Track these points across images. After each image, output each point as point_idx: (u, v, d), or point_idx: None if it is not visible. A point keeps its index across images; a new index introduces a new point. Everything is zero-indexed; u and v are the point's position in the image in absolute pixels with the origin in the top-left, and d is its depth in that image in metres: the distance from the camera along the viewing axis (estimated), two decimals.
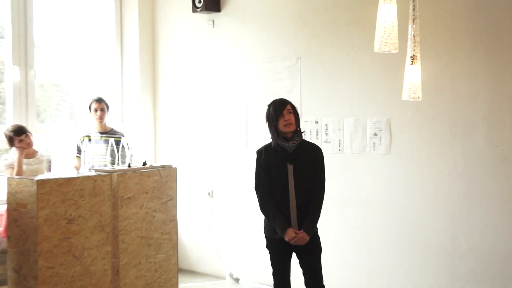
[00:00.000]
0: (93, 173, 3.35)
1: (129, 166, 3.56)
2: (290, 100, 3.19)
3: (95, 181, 3.26)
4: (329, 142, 4.42)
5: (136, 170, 3.53)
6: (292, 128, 2.97)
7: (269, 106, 3.07)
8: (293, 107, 3.05)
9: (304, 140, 3.08)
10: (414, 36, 2.94)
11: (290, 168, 2.97)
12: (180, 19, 5.20)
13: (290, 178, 2.96)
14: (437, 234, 3.79)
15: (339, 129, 4.37)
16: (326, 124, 4.43)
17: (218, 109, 5.07)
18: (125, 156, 3.63)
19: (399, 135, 4.03)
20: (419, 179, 3.93)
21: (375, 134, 4.17)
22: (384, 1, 2.53)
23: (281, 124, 2.96)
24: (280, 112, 2.96)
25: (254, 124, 4.78)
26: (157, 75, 5.50)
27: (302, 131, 3.06)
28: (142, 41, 5.25)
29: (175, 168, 3.80)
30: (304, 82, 4.56)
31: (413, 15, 2.91)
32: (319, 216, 3.02)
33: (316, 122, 4.48)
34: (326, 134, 4.42)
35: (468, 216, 3.66)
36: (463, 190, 3.69)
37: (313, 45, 4.44)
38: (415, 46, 2.99)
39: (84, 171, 3.41)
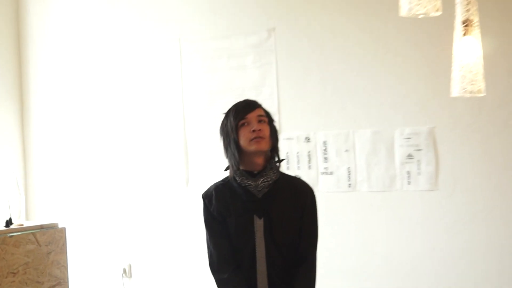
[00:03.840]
0: None
1: None
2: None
3: None
4: (331, 173, 4.30)
5: None
6: (264, 146, 2.68)
7: (227, 112, 2.83)
8: (267, 114, 2.80)
9: (284, 175, 2.85)
10: None
11: (259, 224, 2.75)
12: None
13: (258, 242, 2.76)
14: None
15: (347, 150, 4.25)
16: (325, 142, 4.32)
17: (137, 125, 5.06)
18: None
19: (451, 157, 4.00)
20: (491, 235, 3.88)
21: (410, 156, 4.07)
22: None
23: (245, 138, 2.70)
24: (243, 117, 2.72)
25: (200, 148, 4.77)
26: (26, 74, 5.50)
27: (280, 159, 2.84)
28: None
29: (64, 229, 3.89)
30: (283, 72, 4.49)
31: None
32: None
33: (307, 140, 4.38)
34: (325, 160, 4.31)
35: None
36: None
37: (295, 7, 4.43)
38: (469, 4, 2.74)
39: None
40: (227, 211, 2.83)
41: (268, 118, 2.83)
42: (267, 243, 2.80)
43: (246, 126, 2.76)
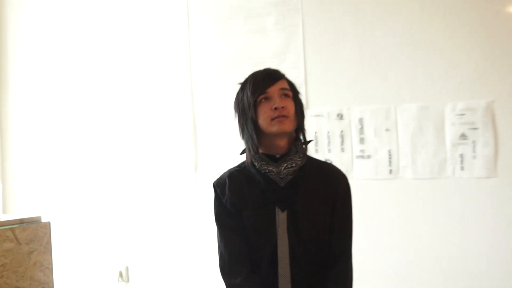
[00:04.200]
0: None
1: None
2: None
3: None
4: (368, 156, 4.28)
5: None
6: (288, 126, 2.61)
7: (243, 84, 2.73)
8: (292, 86, 2.71)
9: (312, 159, 2.80)
10: None
11: (281, 218, 2.65)
12: None
13: (281, 239, 2.65)
14: None
15: (387, 130, 4.22)
16: (361, 119, 4.29)
17: (135, 101, 5.02)
18: None
19: None
20: None
21: (464, 136, 4.07)
22: None
23: (265, 117, 2.60)
24: (263, 91, 2.61)
25: (210, 127, 4.76)
26: (3, 57, 5.49)
27: (307, 140, 2.76)
28: None
29: (48, 224, 3.82)
30: (310, 36, 4.44)
31: None
32: None
33: (339, 117, 4.34)
34: (361, 141, 4.29)
35: None
36: None
37: None
38: None
39: None
40: (243, 203, 2.74)
41: (292, 92, 2.71)
42: (291, 241, 2.71)
43: (267, 102, 2.65)
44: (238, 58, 4.65)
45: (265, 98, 2.64)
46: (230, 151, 4.40)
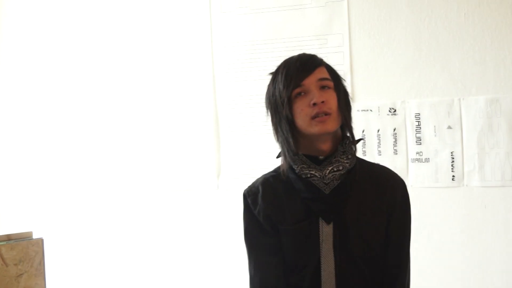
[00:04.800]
0: None
1: None
2: (325, 58, 2.67)
3: None
4: (426, 160, 4.12)
5: None
6: (331, 125, 2.49)
7: (274, 74, 2.61)
8: (333, 73, 2.58)
9: (362, 162, 2.69)
10: None
11: (326, 231, 2.54)
12: None
13: (325, 257, 2.54)
14: None
15: (450, 127, 4.05)
16: (417, 115, 4.13)
17: (146, 93, 4.81)
18: None
19: None
20: None
21: None
22: None
23: (302, 115, 2.49)
24: (298, 84, 2.50)
25: (236, 126, 4.58)
26: None
27: (357, 138, 2.62)
28: None
29: (41, 242, 3.58)
30: (357, 14, 4.24)
31: None
32: None
33: (392, 112, 4.20)
34: (419, 141, 4.14)
35: None
36: None
37: None
38: None
39: None
40: (279, 215, 2.58)
41: (334, 81, 2.55)
42: (338, 259, 2.55)
43: (303, 96, 2.50)
44: (270, 40, 4.46)
45: (301, 92, 2.49)
46: (259, 154, 4.37)
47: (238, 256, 3.21)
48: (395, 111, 4.15)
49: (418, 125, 4.10)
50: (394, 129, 4.14)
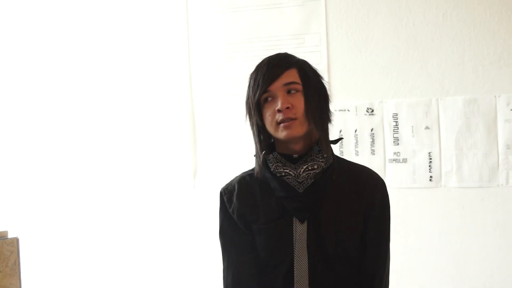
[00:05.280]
0: None
1: None
2: (302, 57, 2.66)
3: None
4: (404, 160, 4.18)
5: None
6: (297, 130, 2.49)
7: (250, 76, 2.59)
8: (306, 74, 2.54)
9: (340, 161, 2.69)
10: None
11: (300, 230, 2.53)
12: None
13: (298, 256, 2.52)
14: None
15: (427, 128, 4.10)
16: (395, 115, 4.17)
17: (124, 92, 4.80)
18: None
19: None
20: None
21: None
22: None
23: (269, 121, 2.53)
24: (265, 89, 2.51)
25: (213, 125, 4.62)
26: None
27: (336, 138, 2.66)
28: None
29: (16, 241, 3.55)
30: (335, 13, 4.26)
31: None
32: None
33: (370, 112, 4.24)
34: (396, 141, 4.18)
35: None
36: None
37: None
38: None
39: None
40: (253, 213, 2.57)
41: (304, 83, 2.52)
42: (312, 258, 2.52)
43: (271, 102, 2.50)
44: (247, 39, 4.47)
45: (269, 97, 2.49)
46: (235, 153, 4.36)
47: (214, 255, 3.18)
48: (372, 111, 4.18)
49: (396, 125, 4.14)
50: (372, 129, 4.17)
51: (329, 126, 2.60)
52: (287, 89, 2.46)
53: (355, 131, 4.22)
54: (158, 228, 4.83)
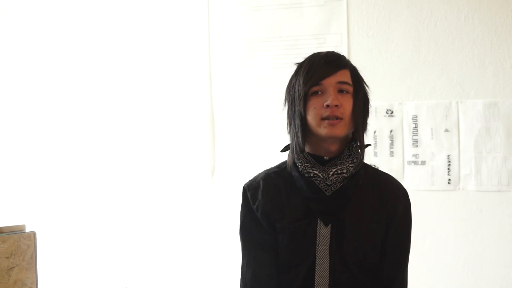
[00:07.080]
0: None
1: None
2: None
3: None
4: (422, 162, 4.16)
5: None
6: (340, 131, 2.48)
7: (299, 66, 2.55)
8: (357, 79, 2.54)
9: (368, 168, 2.66)
10: None
11: (323, 233, 2.51)
12: None
13: (320, 259, 2.51)
14: None
15: (447, 130, 4.09)
16: (415, 117, 4.19)
17: (139, 89, 4.80)
18: None
19: None
20: None
21: None
22: None
23: (314, 114, 2.49)
24: (317, 82, 2.47)
25: (232, 122, 4.59)
26: None
27: (365, 144, 2.61)
28: None
29: (33, 235, 3.60)
30: (356, 13, 4.28)
31: None
32: None
33: (389, 114, 4.26)
34: (415, 144, 4.18)
35: None
36: None
37: None
38: None
39: None
40: (278, 212, 2.55)
41: (355, 86, 2.51)
42: (333, 261, 2.50)
43: (320, 95, 2.47)
44: (268, 38, 4.45)
45: (319, 91, 2.45)
46: (254, 151, 4.37)
47: (232, 254, 3.16)
48: (392, 112, 4.18)
49: (415, 127, 4.13)
50: (391, 131, 4.17)
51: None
52: (339, 88, 2.46)
53: (374, 132, 4.21)
54: (175, 225, 4.83)
